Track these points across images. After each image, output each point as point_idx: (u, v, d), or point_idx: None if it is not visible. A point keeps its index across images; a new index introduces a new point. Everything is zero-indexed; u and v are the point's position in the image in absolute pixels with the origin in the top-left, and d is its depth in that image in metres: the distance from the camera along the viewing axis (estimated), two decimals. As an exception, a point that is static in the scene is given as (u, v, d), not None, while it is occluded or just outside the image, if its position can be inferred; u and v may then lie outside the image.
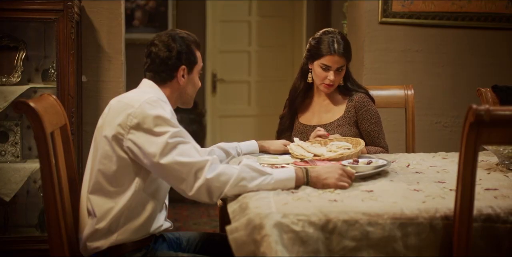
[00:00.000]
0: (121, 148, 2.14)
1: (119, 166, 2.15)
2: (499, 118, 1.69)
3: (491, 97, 3.29)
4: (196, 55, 2.35)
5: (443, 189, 2.11)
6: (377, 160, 2.49)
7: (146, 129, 2.10)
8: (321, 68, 2.96)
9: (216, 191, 2.08)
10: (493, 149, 2.51)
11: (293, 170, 2.16)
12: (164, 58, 2.28)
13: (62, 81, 3.46)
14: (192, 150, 2.11)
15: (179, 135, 2.11)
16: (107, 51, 3.84)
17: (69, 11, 3.42)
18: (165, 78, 2.30)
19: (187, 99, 2.39)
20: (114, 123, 2.14)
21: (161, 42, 2.29)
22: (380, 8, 4.10)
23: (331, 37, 2.97)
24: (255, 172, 2.10)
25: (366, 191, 2.09)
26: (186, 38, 2.32)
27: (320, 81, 3.00)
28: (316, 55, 2.98)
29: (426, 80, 4.20)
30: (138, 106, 2.12)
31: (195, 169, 2.07)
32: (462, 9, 4.14)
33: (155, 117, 2.10)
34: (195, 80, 2.37)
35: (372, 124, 3.04)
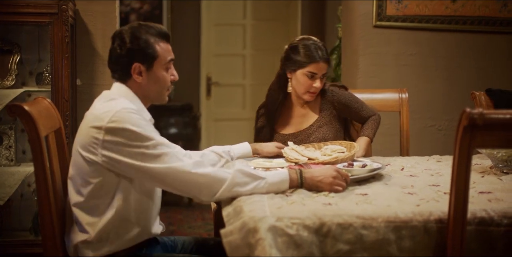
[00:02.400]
0: (95, 161, 2.08)
1: (96, 178, 2.10)
2: (493, 121, 1.69)
3: (485, 100, 3.31)
4: (157, 49, 2.21)
5: (437, 193, 2.11)
6: (371, 163, 2.49)
7: (120, 143, 2.05)
8: (306, 77, 2.90)
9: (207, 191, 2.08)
10: (487, 152, 2.52)
11: (286, 172, 2.16)
12: (116, 56, 2.22)
13: (56, 85, 3.46)
14: (173, 158, 2.07)
15: (156, 146, 2.06)
16: (102, 54, 3.84)
17: (64, 14, 3.42)
18: (123, 76, 2.23)
19: (155, 97, 2.28)
20: (86, 136, 2.10)
21: (119, 38, 2.21)
22: (375, 11, 4.11)
23: (312, 44, 2.92)
24: (248, 177, 2.09)
25: (360, 195, 2.09)
26: (145, 31, 2.21)
27: (304, 89, 2.94)
28: (299, 64, 2.90)
29: (420, 83, 4.21)
30: (108, 119, 2.06)
31: (181, 174, 2.05)
32: (456, 13, 4.15)
33: (127, 130, 2.05)
34: (159, 75, 2.23)
35: (353, 103, 3.06)
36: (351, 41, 4.32)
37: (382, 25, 4.13)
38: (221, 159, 2.64)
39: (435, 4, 4.12)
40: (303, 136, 3.00)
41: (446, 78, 4.24)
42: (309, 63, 2.89)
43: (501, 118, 1.72)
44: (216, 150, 2.66)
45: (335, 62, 5.30)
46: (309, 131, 3.01)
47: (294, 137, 3.00)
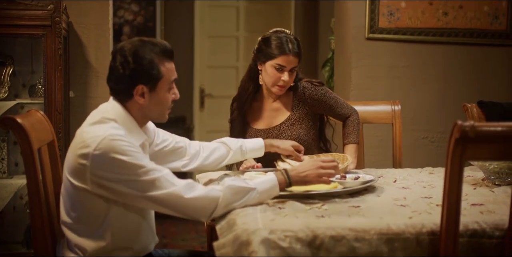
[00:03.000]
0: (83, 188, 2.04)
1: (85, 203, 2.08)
2: (484, 134, 1.71)
3: (477, 112, 3.32)
4: (161, 69, 2.12)
5: (429, 205, 2.12)
6: (364, 175, 2.50)
7: (108, 171, 2.00)
8: (274, 69, 2.87)
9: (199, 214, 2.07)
10: (479, 164, 2.52)
11: (274, 176, 2.16)
12: (119, 76, 2.11)
13: (49, 97, 3.46)
14: (165, 182, 2.03)
15: (146, 173, 2.02)
16: (95, 66, 3.84)
17: (57, 26, 3.42)
18: (124, 97, 2.14)
19: (156, 117, 2.23)
20: (73, 162, 2.05)
21: (121, 56, 2.10)
22: (367, 24, 4.13)
23: (284, 37, 2.90)
24: (239, 192, 2.09)
25: (353, 207, 2.10)
26: (150, 50, 2.11)
27: (273, 82, 2.91)
28: (269, 55, 2.88)
29: (413, 95, 4.23)
30: (95, 147, 1.99)
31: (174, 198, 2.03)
32: (448, 25, 4.18)
33: (115, 160, 2.00)
34: (161, 96, 2.16)
35: (327, 100, 3.02)
36: (343, 53, 4.34)
37: (375, 37, 4.15)
38: (229, 153, 2.63)
39: (427, 17, 4.15)
40: (274, 133, 2.98)
41: (439, 90, 4.26)
42: (278, 55, 2.86)
43: (493, 130, 1.73)
44: (227, 142, 2.64)
45: (328, 74, 5.31)
46: (281, 128, 2.99)
47: (265, 133, 2.98)
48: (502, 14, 4.20)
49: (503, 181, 2.49)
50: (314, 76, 6.27)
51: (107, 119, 2.11)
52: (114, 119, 2.12)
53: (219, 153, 2.62)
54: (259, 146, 2.70)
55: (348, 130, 3.06)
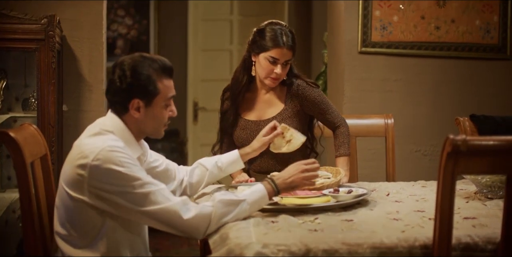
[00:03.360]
0: (80, 199, 2.05)
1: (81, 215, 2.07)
2: (476, 148, 1.71)
3: (469, 126, 3.33)
4: (158, 85, 2.14)
5: (422, 218, 2.12)
6: (357, 189, 2.50)
7: (106, 182, 2.01)
8: (268, 61, 2.86)
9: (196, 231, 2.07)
10: (471, 178, 2.53)
11: (262, 186, 2.19)
12: (116, 89, 2.13)
13: (42, 110, 3.45)
14: (160, 197, 2.04)
15: (142, 185, 2.04)
16: (88, 80, 3.85)
17: (51, 40, 3.43)
18: (120, 110, 2.16)
19: (151, 132, 2.23)
20: (71, 172, 2.06)
21: (120, 70, 2.12)
22: (360, 38, 4.15)
23: (279, 29, 2.89)
24: (230, 205, 2.10)
25: (346, 221, 2.10)
26: (148, 66, 2.14)
27: (266, 74, 2.90)
28: (262, 47, 2.87)
29: (405, 109, 4.24)
30: (93, 157, 2.01)
31: (169, 214, 2.03)
32: (440, 39, 4.21)
33: (113, 171, 2.01)
34: (157, 112, 2.17)
35: (319, 103, 3.00)
36: (336, 67, 4.36)
37: (367, 51, 4.17)
38: (206, 173, 2.60)
39: (419, 31, 4.17)
40: (265, 126, 2.90)
41: (431, 103, 4.28)
42: (272, 47, 2.85)
43: (484, 144, 1.74)
44: (203, 162, 2.63)
45: (321, 88, 5.32)
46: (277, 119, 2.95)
47: (256, 125, 2.97)
48: (493, 28, 4.23)
49: (495, 195, 2.49)
50: (307, 90, 6.29)
51: (105, 131, 2.13)
52: (112, 131, 2.14)
53: (197, 177, 2.59)
54: (235, 157, 2.65)
55: (339, 142, 3.03)
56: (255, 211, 2.15)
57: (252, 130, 2.96)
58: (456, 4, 4.19)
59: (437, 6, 4.18)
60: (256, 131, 2.88)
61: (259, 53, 2.89)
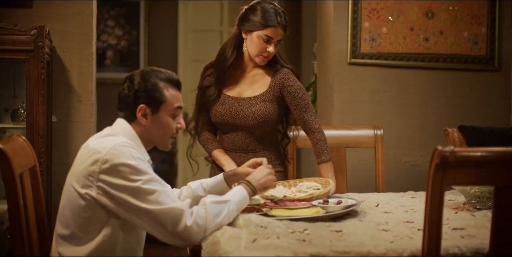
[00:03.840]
0: (89, 195, 2.09)
1: (87, 213, 2.10)
2: (464, 159, 1.72)
3: (457, 137, 3.35)
4: (164, 93, 2.23)
5: (411, 229, 2.13)
6: (346, 199, 2.51)
7: (116, 176, 2.06)
8: (261, 40, 2.90)
9: (196, 236, 2.10)
10: (460, 189, 2.54)
11: (242, 187, 2.32)
12: (124, 96, 2.23)
13: (31, 121, 3.45)
14: (167, 198, 2.09)
15: (151, 181, 2.09)
16: (78, 91, 3.84)
17: (40, 51, 3.42)
18: (129, 116, 2.24)
19: (157, 141, 2.29)
20: (82, 169, 2.10)
21: (129, 80, 2.24)
22: (349, 49, 4.17)
23: (273, 8, 2.92)
24: (219, 204, 2.17)
25: (335, 231, 2.10)
26: (155, 76, 2.24)
27: (258, 52, 2.94)
28: (257, 26, 2.90)
29: (394, 120, 4.26)
30: (106, 152, 2.08)
31: (173, 216, 2.06)
32: (429, 51, 4.23)
33: (124, 165, 2.06)
34: (164, 121, 2.25)
35: (298, 98, 2.99)
36: (326, 77, 4.37)
37: (357, 62, 4.19)
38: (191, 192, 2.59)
39: (408, 42, 4.20)
40: (246, 104, 2.98)
41: (420, 114, 4.30)
42: (267, 26, 2.89)
43: (472, 155, 1.75)
44: (190, 184, 2.63)
45: (311, 99, 5.34)
46: (254, 101, 2.98)
47: (236, 101, 2.99)
48: (481, 40, 4.26)
49: (484, 205, 2.50)
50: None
51: (116, 133, 2.21)
52: (122, 135, 2.21)
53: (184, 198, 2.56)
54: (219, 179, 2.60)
55: (318, 149, 2.99)
56: (240, 210, 2.26)
57: (232, 105, 2.99)
58: (445, 16, 4.23)
59: (425, 18, 4.21)
60: (235, 107, 2.97)
61: (253, 31, 2.92)
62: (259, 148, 3.04)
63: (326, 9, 4.35)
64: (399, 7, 4.18)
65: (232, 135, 3.03)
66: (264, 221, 2.17)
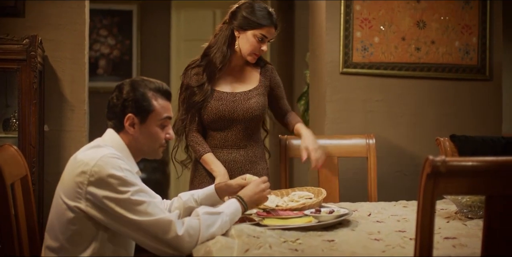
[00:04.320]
0: (78, 208, 2.08)
1: (76, 225, 2.10)
2: (455, 169, 1.73)
3: (449, 146, 3.36)
4: (152, 103, 2.21)
5: (403, 238, 2.13)
6: (338, 209, 2.51)
7: (104, 188, 2.05)
8: (257, 39, 2.97)
9: (188, 246, 2.09)
10: (452, 198, 2.55)
11: (235, 200, 2.31)
12: (112, 105, 2.23)
13: (23, 131, 3.44)
14: (156, 208, 2.08)
15: (139, 193, 2.08)
16: (70, 100, 3.83)
17: (32, 60, 3.42)
18: (117, 126, 2.23)
19: (147, 151, 2.27)
20: (70, 181, 2.10)
21: (118, 89, 2.24)
22: (341, 59, 4.18)
23: (266, 9, 3.00)
24: (213, 215, 2.17)
25: (327, 241, 2.10)
26: (145, 85, 2.23)
27: (252, 51, 3.00)
28: (254, 25, 2.96)
29: (387, 129, 4.27)
30: (93, 164, 2.07)
31: (162, 226, 2.06)
32: (420, 60, 4.25)
33: (112, 176, 2.05)
34: (152, 130, 2.23)
35: (281, 90, 3.21)
36: (318, 87, 4.38)
37: (349, 72, 4.20)
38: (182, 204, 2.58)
39: (400, 52, 4.22)
40: (242, 98, 3.05)
41: (412, 123, 4.31)
42: (263, 25, 2.96)
43: (464, 165, 1.75)
44: (180, 195, 2.62)
45: (303, 108, 5.35)
46: (249, 94, 3.07)
47: (232, 96, 3.05)
48: (472, 50, 4.29)
49: (475, 215, 2.51)
50: (289, 110, 6.31)
51: (104, 144, 2.20)
52: (111, 146, 2.20)
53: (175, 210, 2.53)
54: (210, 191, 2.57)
55: (291, 118, 3.20)
56: (232, 223, 2.24)
57: (229, 100, 3.03)
58: (436, 26, 4.25)
59: (417, 28, 4.23)
60: (232, 102, 3.02)
61: (248, 30, 2.98)
62: (250, 144, 3.10)
63: (318, 19, 4.36)
64: (390, 17, 4.20)
65: (225, 132, 3.06)
66: (256, 231, 2.17)
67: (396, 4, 4.20)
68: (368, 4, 4.17)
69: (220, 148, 3.08)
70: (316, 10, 4.45)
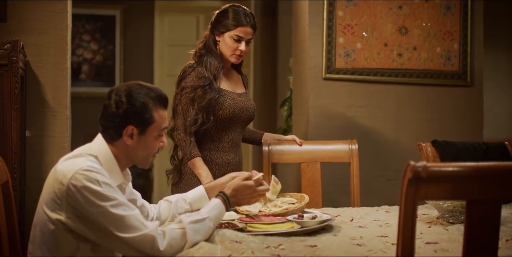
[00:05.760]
0: (59, 221, 2.06)
1: (57, 237, 2.07)
2: (437, 174, 1.74)
3: (431, 151, 3.38)
4: (153, 114, 2.16)
5: (385, 244, 2.14)
6: (321, 214, 2.51)
7: (82, 201, 2.01)
8: (233, 40, 3.10)
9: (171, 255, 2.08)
10: (433, 203, 2.56)
11: (219, 201, 2.30)
12: (111, 114, 2.14)
13: (5, 137, 3.41)
14: (136, 222, 2.05)
15: (118, 206, 2.04)
16: (52, 105, 3.81)
17: (14, 66, 3.40)
18: (112, 135, 2.16)
19: (139, 161, 2.25)
20: (50, 192, 2.07)
21: (116, 96, 2.14)
22: (324, 64, 4.20)
23: (242, 10, 3.12)
24: (198, 223, 2.15)
25: (309, 246, 2.11)
26: (145, 94, 2.16)
27: (231, 52, 3.12)
28: (228, 26, 3.10)
29: (369, 134, 4.29)
30: (71, 176, 2.03)
31: (144, 243, 2.04)
32: (403, 66, 4.28)
33: (88, 190, 2.01)
34: (149, 141, 2.19)
35: None
36: (301, 93, 4.40)
37: (332, 77, 4.22)
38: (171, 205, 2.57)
39: (382, 58, 4.24)
40: (246, 98, 3.24)
41: (394, 129, 4.33)
42: (237, 26, 3.09)
43: (445, 170, 1.76)
44: (168, 198, 2.61)
45: (286, 114, 5.36)
46: (247, 96, 3.29)
47: (238, 96, 3.20)
48: (454, 56, 4.32)
49: (457, 220, 2.53)
50: (273, 115, 6.33)
51: (87, 154, 2.15)
52: (96, 155, 2.15)
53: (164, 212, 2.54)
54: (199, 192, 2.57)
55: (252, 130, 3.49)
56: (216, 226, 2.25)
57: (238, 100, 3.18)
58: (418, 32, 4.28)
59: (399, 34, 4.26)
60: (241, 101, 3.17)
61: (224, 33, 3.12)
62: (240, 144, 3.29)
63: (301, 24, 4.38)
64: (373, 23, 4.23)
65: (231, 132, 3.20)
66: (238, 236, 2.17)
67: (378, 10, 4.23)
68: (350, 10, 4.19)
69: (228, 151, 3.19)
70: (299, 15, 4.47)
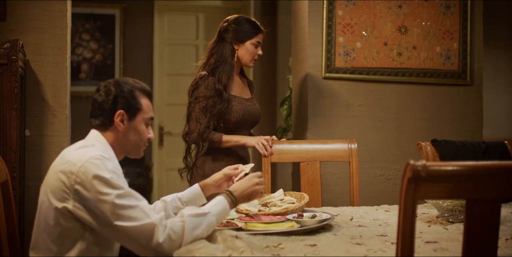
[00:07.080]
0: (66, 209, 2.08)
1: (62, 226, 2.10)
2: (436, 173, 1.74)
3: (430, 150, 3.38)
4: (141, 101, 2.27)
5: (384, 243, 2.14)
6: (321, 214, 2.51)
7: (91, 190, 2.05)
8: (253, 46, 3.41)
9: (169, 250, 2.09)
10: (433, 202, 2.56)
11: (223, 198, 2.30)
12: (101, 102, 2.24)
13: (4, 136, 3.41)
14: (140, 212, 2.08)
15: (125, 196, 2.08)
16: (52, 105, 3.81)
17: (13, 65, 3.40)
18: (104, 123, 2.24)
19: (131, 148, 2.30)
20: (57, 181, 2.10)
21: (105, 87, 2.26)
22: (324, 64, 4.20)
23: (250, 19, 3.44)
24: (199, 217, 2.16)
25: (309, 245, 2.11)
26: (131, 84, 2.29)
27: (251, 57, 3.44)
28: (248, 35, 3.39)
29: (369, 133, 4.29)
30: (81, 165, 2.07)
31: (145, 233, 2.06)
32: (402, 65, 4.28)
33: (99, 178, 2.05)
34: (139, 127, 2.28)
35: None
36: (301, 92, 4.40)
37: (331, 77, 4.22)
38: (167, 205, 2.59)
39: (381, 57, 4.24)
40: (252, 103, 3.47)
41: (394, 128, 4.33)
42: (256, 33, 3.41)
43: (444, 169, 1.76)
44: (164, 198, 2.63)
45: (286, 113, 5.36)
46: (254, 101, 3.52)
47: (246, 101, 3.43)
48: (453, 55, 4.32)
49: (456, 219, 2.53)
50: (273, 114, 6.33)
51: (91, 144, 2.21)
52: (95, 145, 2.21)
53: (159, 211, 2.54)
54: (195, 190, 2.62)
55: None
56: (220, 222, 2.25)
57: (246, 105, 3.43)
58: (418, 31, 4.28)
59: (399, 33, 4.26)
60: (249, 106, 3.41)
61: (245, 41, 3.40)
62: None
63: (301, 24, 4.38)
64: (372, 22, 4.23)
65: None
66: (238, 236, 2.16)
67: (378, 10, 4.23)
68: (350, 10, 4.19)
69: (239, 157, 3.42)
70: (298, 15, 4.47)
